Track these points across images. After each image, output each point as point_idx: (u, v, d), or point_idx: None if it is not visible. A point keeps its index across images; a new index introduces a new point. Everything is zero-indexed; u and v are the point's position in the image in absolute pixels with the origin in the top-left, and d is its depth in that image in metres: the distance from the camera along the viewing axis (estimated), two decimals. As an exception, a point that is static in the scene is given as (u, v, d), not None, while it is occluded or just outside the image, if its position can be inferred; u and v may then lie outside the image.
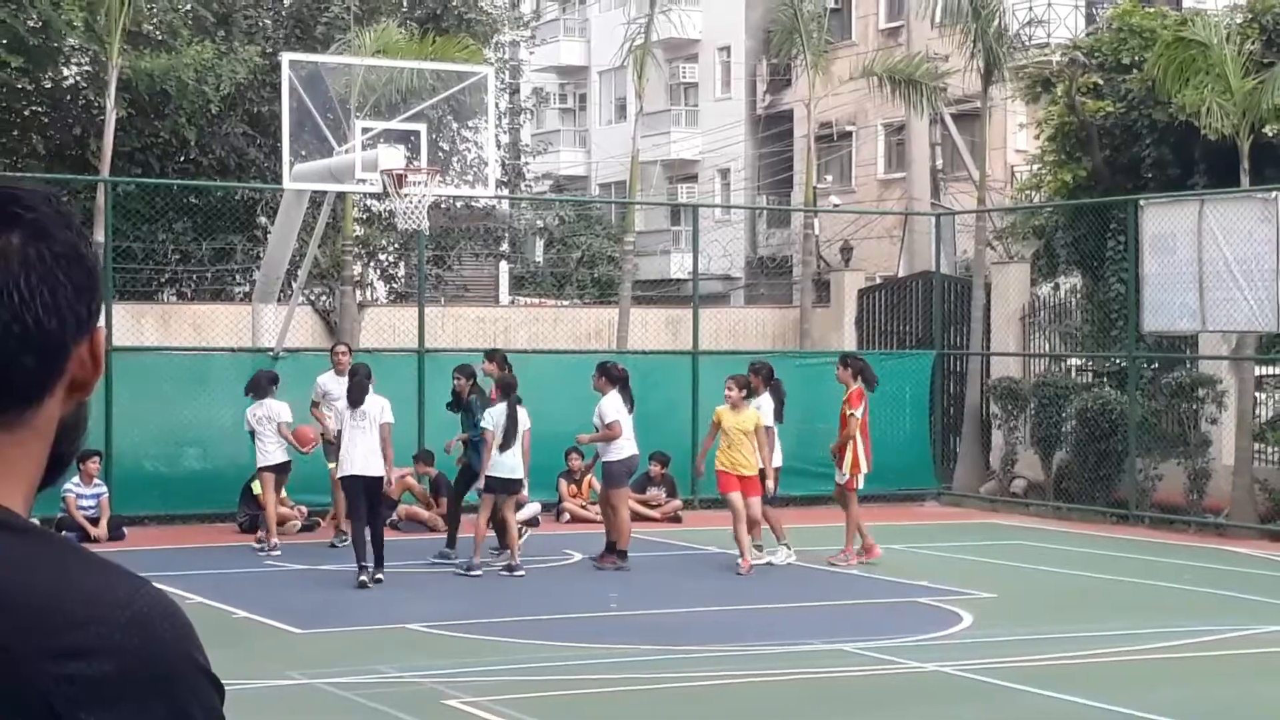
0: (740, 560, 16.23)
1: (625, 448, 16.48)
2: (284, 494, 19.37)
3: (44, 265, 1.52)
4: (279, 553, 17.33)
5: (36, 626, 1.42)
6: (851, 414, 16.88)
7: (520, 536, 16.59)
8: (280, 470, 17.73)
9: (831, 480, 17.48)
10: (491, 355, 18.13)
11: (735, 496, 16.29)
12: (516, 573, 15.88)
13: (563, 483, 21.01)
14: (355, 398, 15.67)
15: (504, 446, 15.78)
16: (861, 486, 17.14)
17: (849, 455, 16.89)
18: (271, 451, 17.49)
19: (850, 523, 16.98)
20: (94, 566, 1.50)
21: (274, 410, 17.54)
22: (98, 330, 1.56)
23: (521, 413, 15.95)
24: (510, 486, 16.07)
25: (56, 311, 1.52)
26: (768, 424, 16.75)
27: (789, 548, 17.08)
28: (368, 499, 15.59)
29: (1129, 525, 21.16)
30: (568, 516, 20.69)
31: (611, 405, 16.45)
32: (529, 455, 16.24)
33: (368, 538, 15.31)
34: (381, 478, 15.59)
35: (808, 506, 21.02)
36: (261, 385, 17.81)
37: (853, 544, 16.96)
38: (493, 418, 15.83)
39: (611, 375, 16.65)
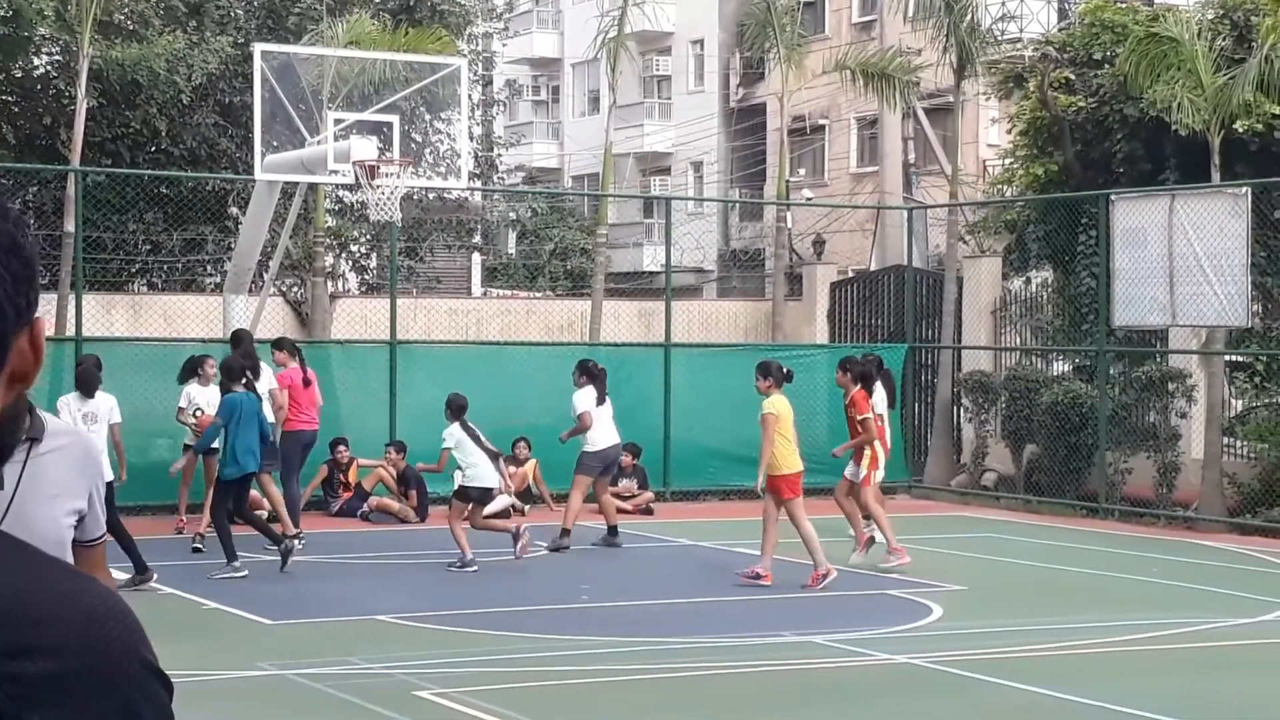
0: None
1: (599, 440, 17.07)
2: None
3: None
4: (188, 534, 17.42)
5: None
6: (863, 418, 16.27)
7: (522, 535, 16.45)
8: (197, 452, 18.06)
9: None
10: (279, 344, 18.25)
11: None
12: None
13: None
14: (88, 388, 14.59)
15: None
16: (880, 479, 16.72)
17: (866, 455, 16.30)
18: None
19: (880, 520, 16.21)
20: (40, 564, 1.48)
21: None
22: (37, 321, 1.54)
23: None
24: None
25: None
26: (879, 412, 16.80)
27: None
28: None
29: (1099, 518, 21.24)
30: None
31: (579, 398, 17.11)
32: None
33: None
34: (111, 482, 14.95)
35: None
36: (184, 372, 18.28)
37: (894, 538, 16.13)
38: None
39: (590, 372, 17.30)
